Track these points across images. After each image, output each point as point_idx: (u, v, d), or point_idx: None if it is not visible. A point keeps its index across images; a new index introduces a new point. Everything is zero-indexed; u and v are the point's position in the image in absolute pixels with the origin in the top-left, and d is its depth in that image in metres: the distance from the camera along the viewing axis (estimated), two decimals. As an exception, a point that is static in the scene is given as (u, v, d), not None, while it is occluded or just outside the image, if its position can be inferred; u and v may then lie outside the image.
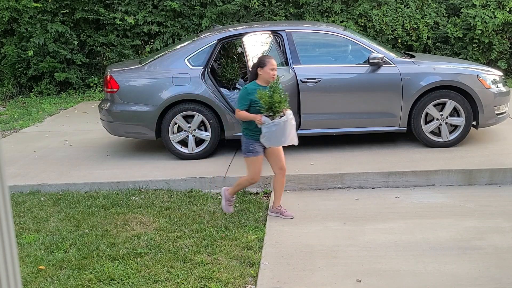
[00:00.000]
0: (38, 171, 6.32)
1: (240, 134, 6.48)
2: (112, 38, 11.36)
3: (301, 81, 6.30)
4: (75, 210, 5.25)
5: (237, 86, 7.36)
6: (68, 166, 6.47)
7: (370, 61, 6.32)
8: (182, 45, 6.86)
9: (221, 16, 11.30)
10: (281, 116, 4.56)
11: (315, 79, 6.31)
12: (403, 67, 6.41)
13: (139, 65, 6.79)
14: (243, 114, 4.77)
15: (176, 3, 11.08)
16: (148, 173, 6.04)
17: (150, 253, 4.33)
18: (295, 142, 4.75)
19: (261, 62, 4.79)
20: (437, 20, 11.31)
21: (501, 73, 6.83)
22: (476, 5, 11.07)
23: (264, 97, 4.50)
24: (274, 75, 4.72)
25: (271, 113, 4.55)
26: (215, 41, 6.60)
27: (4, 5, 10.93)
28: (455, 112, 6.42)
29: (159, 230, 4.75)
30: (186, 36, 11.11)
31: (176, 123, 6.41)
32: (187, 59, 6.53)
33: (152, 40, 11.61)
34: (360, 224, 4.75)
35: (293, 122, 4.67)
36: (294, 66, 6.37)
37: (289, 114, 4.64)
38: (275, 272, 3.97)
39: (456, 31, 11.11)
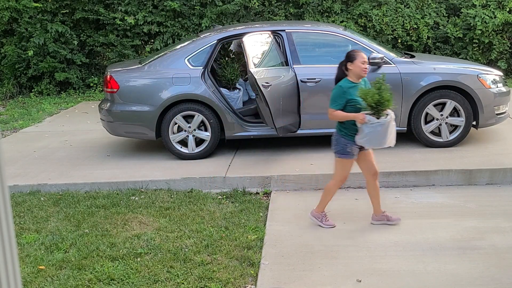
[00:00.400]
0: (38, 171, 6.33)
1: (241, 134, 6.59)
2: (112, 38, 11.36)
3: (301, 81, 6.31)
4: (75, 210, 5.25)
5: (237, 86, 7.36)
6: (68, 166, 6.47)
7: (370, 61, 6.30)
8: (182, 45, 6.86)
9: (221, 16, 11.30)
10: (386, 116, 4.23)
11: (315, 79, 6.31)
12: (403, 67, 6.41)
13: (139, 65, 6.80)
14: (339, 114, 4.36)
15: (176, 3, 11.08)
16: (148, 173, 6.04)
17: (150, 253, 4.33)
18: (393, 143, 4.41)
19: (350, 57, 4.40)
20: (437, 20, 11.31)
21: (501, 73, 6.83)
22: (476, 5, 11.07)
23: (370, 94, 4.14)
24: (365, 68, 4.38)
25: (375, 112, 4.21)
26: (215, 41, 6.60)
27: (4, 5, 10.93)
28: (455, 112, 6.42)
29: (159, 230, 4.75)
30: (186, 36, 11.11)
31: (176, 123, 6.41)
32: (187, 59, 6.53)
33: (152, 40, 11.61)
34: (360, 224, 4.75)
35: (393, 122, 4.34)
36: (294, 66, 6.37)
37: (392, 113, 4.30)
38: (275, 272, 3.97)
39: (456, 31, 11.11)
